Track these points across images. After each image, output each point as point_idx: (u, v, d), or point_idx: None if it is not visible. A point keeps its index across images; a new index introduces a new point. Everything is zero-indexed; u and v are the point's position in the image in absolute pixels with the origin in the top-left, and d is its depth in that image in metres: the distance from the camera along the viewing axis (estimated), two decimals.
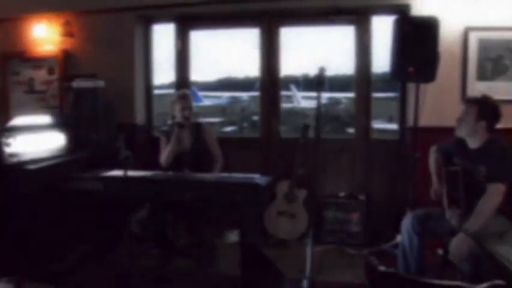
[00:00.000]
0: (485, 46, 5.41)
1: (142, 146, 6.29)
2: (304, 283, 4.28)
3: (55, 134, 5.34)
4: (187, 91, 5.50)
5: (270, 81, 6.31)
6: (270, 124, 6.30)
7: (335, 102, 7.36)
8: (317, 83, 4.25)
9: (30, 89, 6.63)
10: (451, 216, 3.85)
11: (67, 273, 4.56)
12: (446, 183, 3.96)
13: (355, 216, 5.72)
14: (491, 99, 3.97)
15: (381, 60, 5.60)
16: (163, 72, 6.78)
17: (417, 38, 4.82)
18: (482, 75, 5.45)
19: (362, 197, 5.82)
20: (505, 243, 3.49)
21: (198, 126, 5.28)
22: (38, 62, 6.58)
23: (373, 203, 5.85)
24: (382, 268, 2.23)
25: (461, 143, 4.02)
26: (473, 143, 3.94)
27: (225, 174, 4.73)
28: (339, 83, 6.74)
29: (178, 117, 5.11)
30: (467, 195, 3.78)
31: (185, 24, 6.49)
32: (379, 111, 6.52)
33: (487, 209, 3.66)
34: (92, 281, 4.60)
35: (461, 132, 3.98)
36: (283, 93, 6.58)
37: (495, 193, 3.67)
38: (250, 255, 4.40)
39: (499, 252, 3.30)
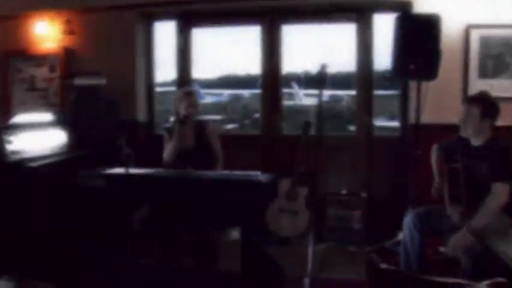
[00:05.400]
0: (486, 44, 5.41)
1: (144, 143, 6.29)
2: (306, 281, 4.29)
3: (57, 131, 5.35)
4: (193, 88, 5.50)
5: (272, 78, 6.32)
6: (272, 121, 6.31)
7: (336, 99, 7.34)
8: (319, 80, 4.26)
9: (32, 87, 6.63)
10: (452, 213, 3.85)
11: (67, 271, 4.56)
12: (447, 181, 3.96)
13: (357, 214, 5.72)
14: (491, 96, 3.99)
15: (383, 57, 5.58)
16: (165, 70, 6.79)
17: (419, 36, 4.82)
18: (483, 73, 5.45)
19: (363, 195, 5.81)
20: (507, 242, 3.50)
21: (201, 124, 5.27)
22: (39, 59, 6.58)
23: (375, 201, 5.85)
24: (384, 266, 2.23)
25: (464, 140, 4.02)
26: (476, 141, 3.95)
27: (227, 172, 4.73)
28: (340, 81, 6.72)
29: (183, 115, 5.10)
30: (468, 193, 3.79)
31: (186, 22, 6.49)
32: (381, 109, 6.50)
33: (493, 208, 3.68)
34: (93, 279, 4.60)
35: (467, 133, 3.97)
36: (285, 90, 6.58)
37: (502, 193, 3.69)
38: (252, 253, 4.40)
39: (502, 250, 3.31)
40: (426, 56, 4.81)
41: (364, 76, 6.07)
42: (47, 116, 5.58)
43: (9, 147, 4.61)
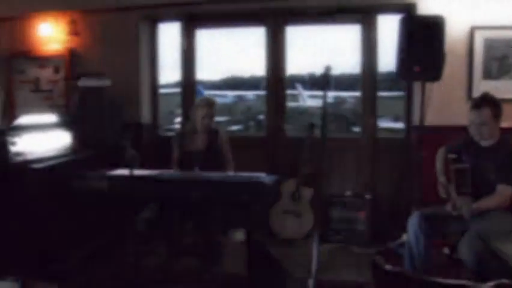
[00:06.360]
0: (490, 45, 5.41)
1: (148, 144, 6.29)
2: (310, 282, 4.28)
3: (61, 133, 5.35)
4: (214, 100, 5.43)
5: (276, 80, 6.30)
6: (276, 123, 6.31)
7: (340, 101, 7.35)
8: (323, 81, 4.24)
9: (36, 88, 6.64)
10: (462, 205, 3.80)
11: (72, 272, 4.56)
12: (454, 181, 3.94)
13: (361, 215, 5.71)
14: (494, 95, 3.99)
15: (387, 59, 5.59)
16: (169, 71, 6.79)
17: (423, 37, 4.81)
18: (487, 74, 5.44)
19: (368, 196, 5.80)
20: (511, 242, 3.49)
21: (216, 132, 5.23)
22: (44, 60, 6.59)
23: (379, 202, 5.84)
24: (388, 267, 2.23)
25: (471, 140, 4.02)
26: (487, 142, 3.94)
27: (231, 173, 4.73)
28: (345, 82, 6.73)
29: (198, 123, 5.08)
30: (476, 193, 3.78)
31: (191, 23, 6.48)
32: (385, 110, 6.51)
33: (491, 206, 3.73)
34: (97, 280, 4.61)
35: (483, 138, 3.96)
36: (289, 92, 6.58)
37: (504, 195, 3.72)
38: (257, 254, 4.40)
39: (506, 252, 3.29)
40: (430, 58, 4.80)
41: (368, 77, 6.05)
42: (51, 117, 5.59)
43: (13, 149, 4.62)
